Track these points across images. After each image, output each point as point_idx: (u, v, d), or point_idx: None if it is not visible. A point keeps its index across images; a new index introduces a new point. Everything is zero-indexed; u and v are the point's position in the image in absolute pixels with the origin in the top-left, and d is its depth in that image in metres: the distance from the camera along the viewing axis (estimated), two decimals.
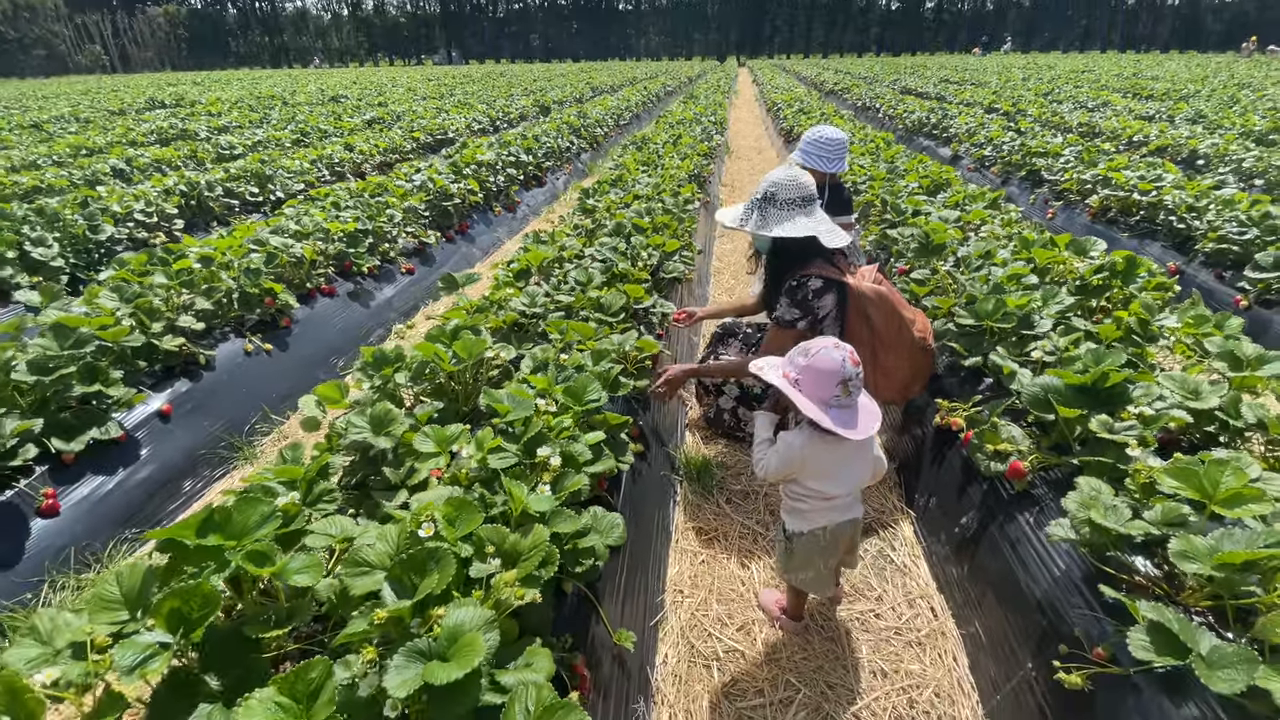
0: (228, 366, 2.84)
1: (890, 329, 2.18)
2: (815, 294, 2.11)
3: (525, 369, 1.99)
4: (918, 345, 2.21)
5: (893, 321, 2.18)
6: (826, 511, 1.61)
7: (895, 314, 2.18)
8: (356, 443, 1.62)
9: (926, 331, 2.27)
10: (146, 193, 4.59)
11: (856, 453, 1.57)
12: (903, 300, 2.26)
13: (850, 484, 1.60)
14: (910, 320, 2.22)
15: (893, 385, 2.27)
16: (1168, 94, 12.16)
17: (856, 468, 1.60)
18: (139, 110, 13.19)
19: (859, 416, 1.49)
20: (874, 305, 2.16)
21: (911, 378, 2.30)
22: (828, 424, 1.44)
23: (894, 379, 2.25)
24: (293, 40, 79.74)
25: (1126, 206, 4.59)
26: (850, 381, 1.45)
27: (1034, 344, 2.15)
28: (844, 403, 1.47)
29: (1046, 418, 1.77)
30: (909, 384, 2.32)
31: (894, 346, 2.20)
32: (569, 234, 3.74)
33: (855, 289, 2.15)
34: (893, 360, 2.22)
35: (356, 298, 3.72)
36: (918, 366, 2.27)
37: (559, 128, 8.55)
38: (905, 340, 2.20)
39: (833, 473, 1.57)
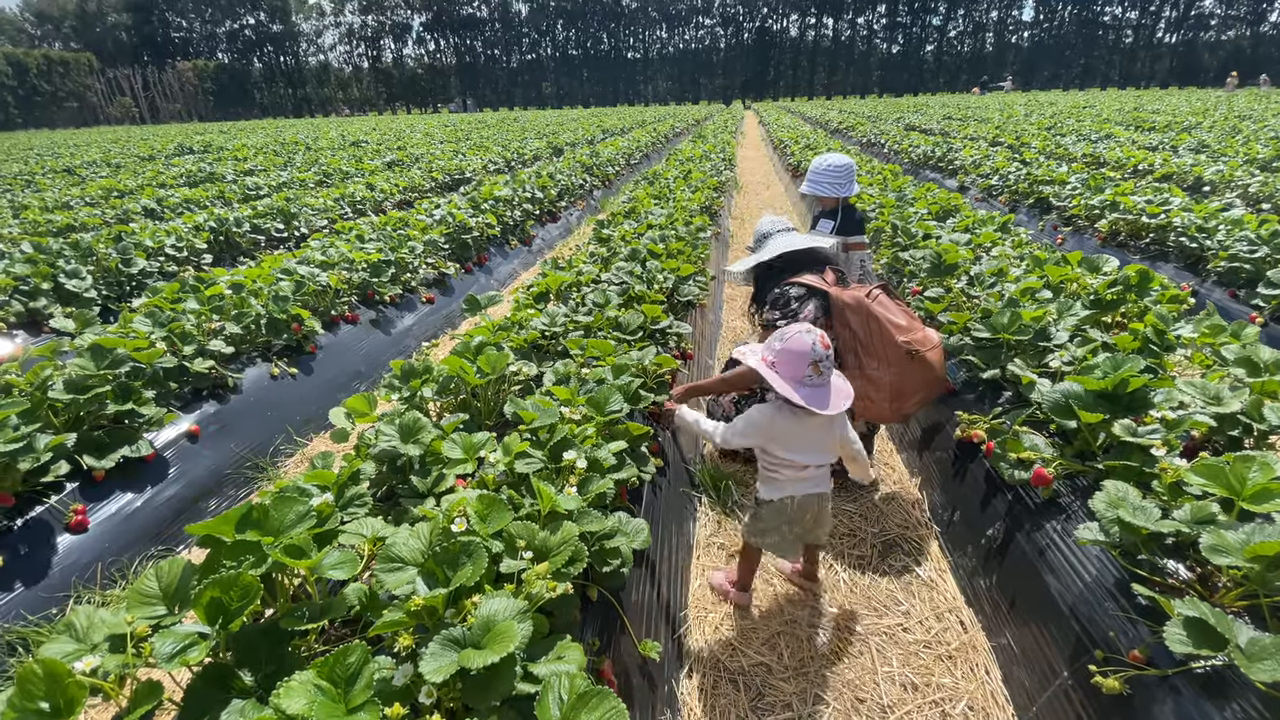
0: (254, 390, 2.90)
1: (871, 335, 2.19)
2: (796, 299, 2.24)
3: (548, 382, 2.03)
4: (903, 351, 2.17)
5: (871, 327, 2.18)
6: (796, 482, 1.72)
7: (874, 319, 2.18)
8: (386, 451, 1.65)
9: (922, 342, 2.21)
10: (178, 228, 4.75)
11: (825, 428, 1.69)
12: (898, 312, 2.24)
13: (818, 455, 1.71)
14: (902, 326, 2.20)
15: (882, 393, 2.22)
16: (1170, 125, 12.31)
17: (824, 441, 1.71)
18: (168, 156, 13.71)
19: (830, 395, 1.61)
20: (852, 311, 2.20)
21: (901, 387, 2.21)
22: (799, 400, 1.56)
23: (881, 387, 2.21)
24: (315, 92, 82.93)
25: (1136, 230, 4.63)
26: (821, 362, 1.58)
27: (1051, 355, 2.16)
28: (816, 381, 1.59)
29: (1068, 424, 1.77)
30: (902, 393, 2.22)
31: (877, 352, 2.19)
32: (586, 261, 3.82)
33: (835, 297, 2.22)
34: (877, 367, 2.20)
35: (378, 325, 3.80)
36: (906, 374, 2.19)
37: (572, 166, 8.78)
38: (889, 345, 2.18)
39: (801, 444, 1.69)
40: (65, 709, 0.95)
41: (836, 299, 2.22)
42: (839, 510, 2.35)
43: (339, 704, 0.94)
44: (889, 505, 2.38)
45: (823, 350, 1.58)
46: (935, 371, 2.22)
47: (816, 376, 1.57)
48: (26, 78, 63.20)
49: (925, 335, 2.23)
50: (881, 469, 2.62)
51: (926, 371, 2.19)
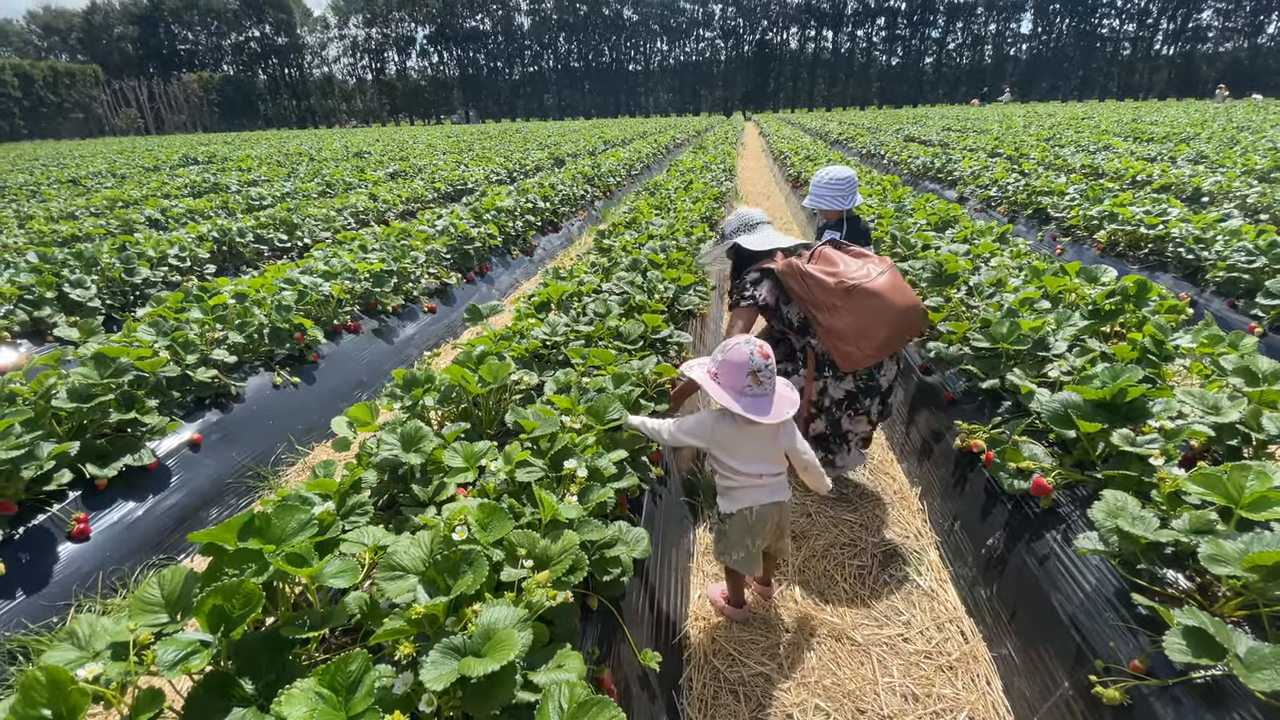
0: (257, 399, 2.91)
1: (810, 289, 2.23)
2: (752, 283, 2.42)
3: (549, 391, 2.04)
4: (840, 290, 2.17)
5: (807, 283, 2.23)
6: (751, 491, 1.74)
7: (806, 276, 2.23)
8: (388, 460, 1.65)
9: (862, 276, 2.19)
10: (181, 238, 4.78)
11: (770, 437, 1.72)
12: (839, 260, 2.26)
13: (765, 464, 1.73)
14: (836, 271, 2.22)
15: (846, 339, 2.21)
16: (1168, 137, 12.38)
17: (769, 450, 1.73)
18: (173, 166, 13.80)
19: (773, 403, 1.65)
20: (788, 276, 2.29)
21: (860, 326, 2.19)
22: (737, 409, 1.61)
23: (841, 333, 2.21)
24: (319, 103, 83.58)
25: (1134, 240, 4.65)
26: (760, 372, 1.62)
27: (1050, 365, 2.17)
28: (756, 391, 1.63)
29: (1067, 434, 1.78)
30: (864, 331, 2.20)
31: (821, 303, 2.22)
32: (587, 271, 3.84)
33: (776, 270, 2.34)
34: (828, 316, 2.21)
35: (380, 334, 3.81)
36: (858, 312, 2.18)
37: (574, 177, 8.84)
38: (826, 291, 2.20)
39: (747, 453, 1.72)
40: (68, 716, 0.96)
41: (777, 271, 2.33)
42: (839, 520, 2.35)
43: (340, 712, 0.95)
44: (889, 515, 2.38)
45: (761, 360, 1.62)
46: (889, 299, 2.18)
47: (756, 386, 1.62)
48: (32, 89, 63.77)
49: (867, 270, 2.22)
50: (881, 478, 2.62)
51: (880, 302, 2.17)
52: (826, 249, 2.33)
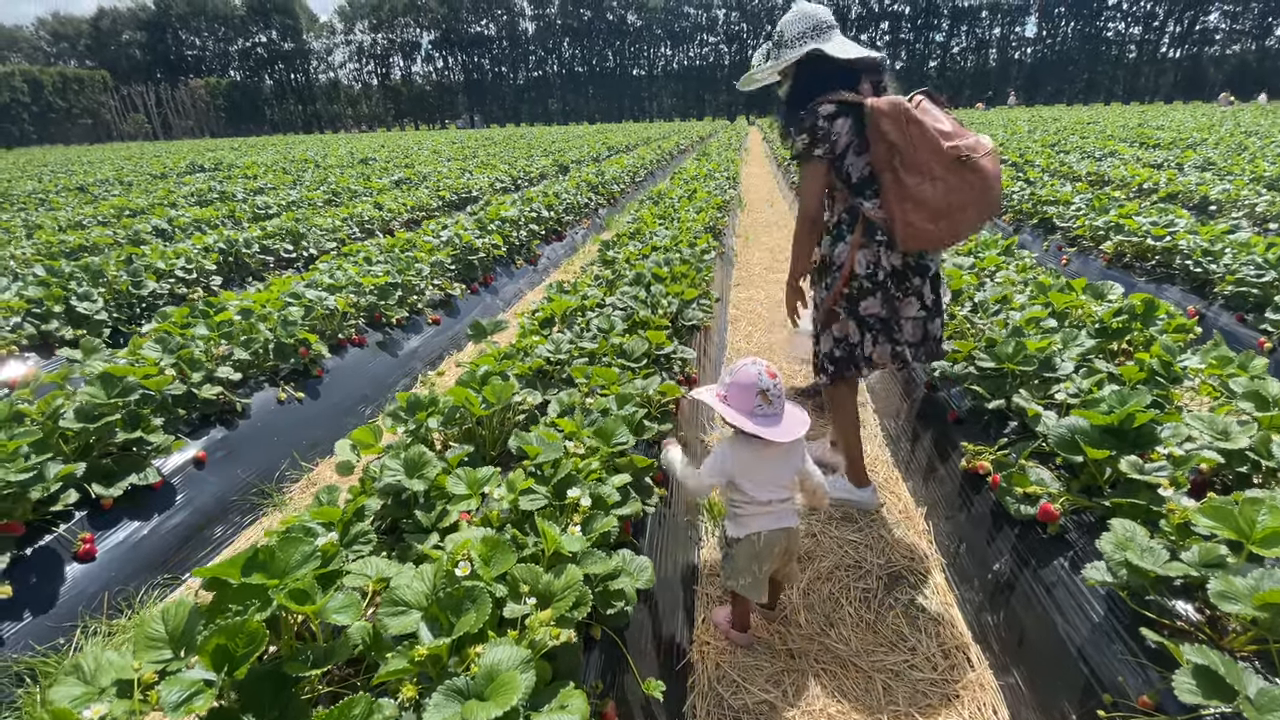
0: (261, 415, 2.91)
1: (911, 143, 1.89)
2: (826, 119, 1.99)
3: (553, 412, 2.04)
4: (951, 157, 1.88)
5: (911, 132, 1.88)
6: (760, 517, 1.73)
7: (915, 124, 1.87)
8: (391, 485, 1.65)
9: (974, 147, 1.90)
10: (187, 250, 4.81)
11: (783, 459, 1.72)
12: (944, 119, 1.95)
13: (777, 490, 1.73)
14: (947, 132, 1.91)
15: (923, 211, 1.91)
16: (1174, 142, 12.33)
17: (782, 473, 1.73)
18: (180, 174, 13.90)
19: (784, 422, 1.65)
20: (888, 118, 1.90)
21: (950, 201, 1.91)
22: (750, 427, 1.60)
23: (924, 203, 1.91)
24: (325, 108, 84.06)
25: (1141, 251, 4.62)
26: (769, 392, 1.62)
27: (1056, 386, 2.16)
28: (766, 411, 1.63)
29: (1074, 459, 1.77)
30: (951, 209, 1.93)
31: (919, 164, 1.90)
32: (590, 284, 3.84)
33: (870, 106, 1.93)
34: (920, 182, 1.90)
35: (385, 347, 3.82)
36: (956, 186, 1.90)
37: (578, 185, 8.86)
38: (935, 152, 1.88)
39: (762, 476, 1.71)
40: None
41: (871, 107, 1.93)
42: (844, 540, 2.34)
43: None
44: (894, 535, 2.36)
45: (769, 380, 1.62)
46: (990, 182, 1.93)
47: (766, 406, 1.62)
48: (41, 94, 64.34)
49: (977, 141, 1.93)
50: (887, 496, 2.61)
51: (980, 181, 1.92)
52: (926, 100, 1.97)
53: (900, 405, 3.04)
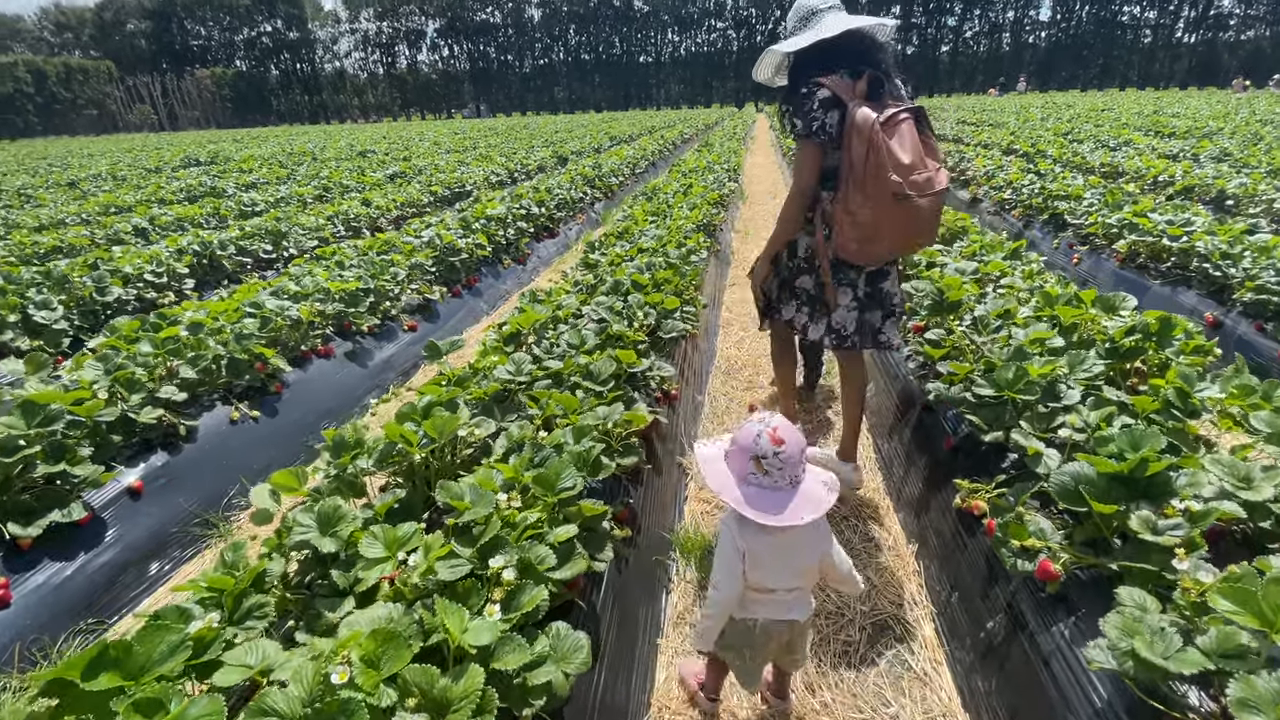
0: (211, 437, 2.75)
1: (865, 165, 1.95)
2: (821, 106, 2.04)
3: (498, 450, 1.85)
4: (891, 193, 1.95)
5: (869, 158, 1.94)
6: (761, 604, 1.43)
7: (875, 149, 1.93)
8: (303, 543, 1.47)
9: (921, 186, 1.96)
10: (158, 253, 4.64)
11: (795, 545, 1.38)
12: (910, 147, 1.97)
13: (789, 578, 1.40)
14: (904, 165, 1.94)
15: (853, 231, 2.04)
16: (1190, 132, 11.93)
17: (794, 560, 1.39)
18: (175, 168, 13.76)
19: (788, 501, 1.31)
20: (856, 133, 1.95)
21: (877, 230, 2.03)
22: (732, 496, 1.32)
23: (856, 224, 2.03)
24: (330, 98, 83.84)
25: (1156, 252, 4.37)
26: (765, 459, 1.31)
27: (1061, 417, 1.95)
28: (760, 481, 1.32)
29: (1078, 510, 1.56)
30: (874, 238, 2.05)
31: (864, 186, 1.98)
32: (569, 290, 3.64)
33: (849, 113, 1.98)
34: (861, 203, 1.99)
35: (354, 358, 3.64)
36: (886, 218, 2.00)
37: (573, 179, 8.63)
38: (880, 181, 1.94)
39: (771, 560, 1.38)
40: None
41: (849, 116, 1.97)
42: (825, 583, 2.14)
43: None
44: (883, 577, 2.17)
45: (769, 445, 1.30)
46: (920, 224, 2.02)
47: (760, 475, 1.32)
48: (46, 85, 64.44)
49: (929, 180, 1.98)
50: (875, 528, 2.41)
51: (910, 221, 2.01)
52: (906, 123, 1.99)
53: (895, 425, 2.83)
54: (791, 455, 1.31)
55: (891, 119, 1.96)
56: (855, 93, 2.01)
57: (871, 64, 2.07)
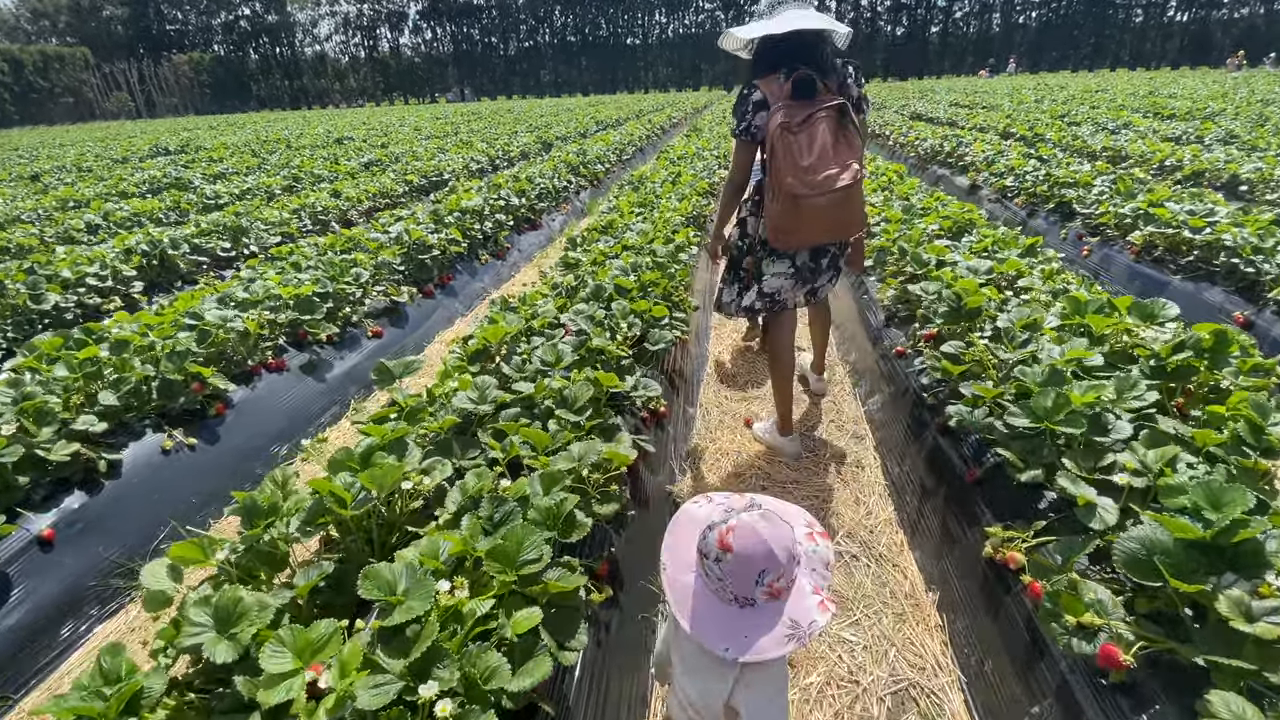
0: (138, 470, 2.43)
1: (774, 166, 2.14)
2: (754, 106, 2.20)
3: (451, 503, 1.55)
4: (785, 191, 2.14)
5: (775, 161, 2.13)
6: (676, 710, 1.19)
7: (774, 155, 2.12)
8: (195, 646, 1.18)
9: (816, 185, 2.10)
10: (102, 254, 4.28)
11: (718, 668, 1.09)
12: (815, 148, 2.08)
13: (702, 695, 1.11)
14: (800, 167, 2.09)
15: (772, 224, 2.26)
16: (1190, 113, 11.67)
17: (711, 679, 1.10)
18: (142, 158, 13.21)
19: (724, 619, 1.03)
20: (769, 137, 2.13)
21: (784, 224, 2.23)
22: (667, 578, 1.10)
23: (772, 217, 2.25)
24: (311, 83, 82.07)
25: (1175, 244, 4.10)
26: (707, 557, 1.04)
27: (1111, 455, 1.67)
28: (709, 583, 1.05)
29: (1150, 584, 1.29)
30: (785, 230, 2.25)
31: (772, 184, 2.19)
32: (546, 293, 3.33)
33: (768, 119, 2.14)
34: (770, 198, 2.22)
35: (311, 370, 3.32)
36: (789, 214, 2.19)
37: (555, 167, 8.26)
38: (780, 183, 2.14)
39: (693, 666, 1.13)
40: None
41: (767, 122, 2.15)
42: (837, 639, 1.88)
43: None
44: (901, 632, 1.90)
45: (714, 546, 1.01)
46: (825, 218, 2.19)
47: (705, 574, 1.05)
48: (22, 74, 62.66)
49: (829, 178, 2.10)
50: (889, 570, 2.14)
51: (813, 217, 2.18)
52: (824, 124, 2.08)
53: (906, 445, 2.56)
54: (737, 571, 1.00)
55: (808, 119, 2.08)
56: (780, 94, 2.13)
57: (812, 60, 2.14)
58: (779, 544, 1.00)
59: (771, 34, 2.12)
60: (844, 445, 2.86)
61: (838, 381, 3.42)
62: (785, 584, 1.02)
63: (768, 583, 1.01)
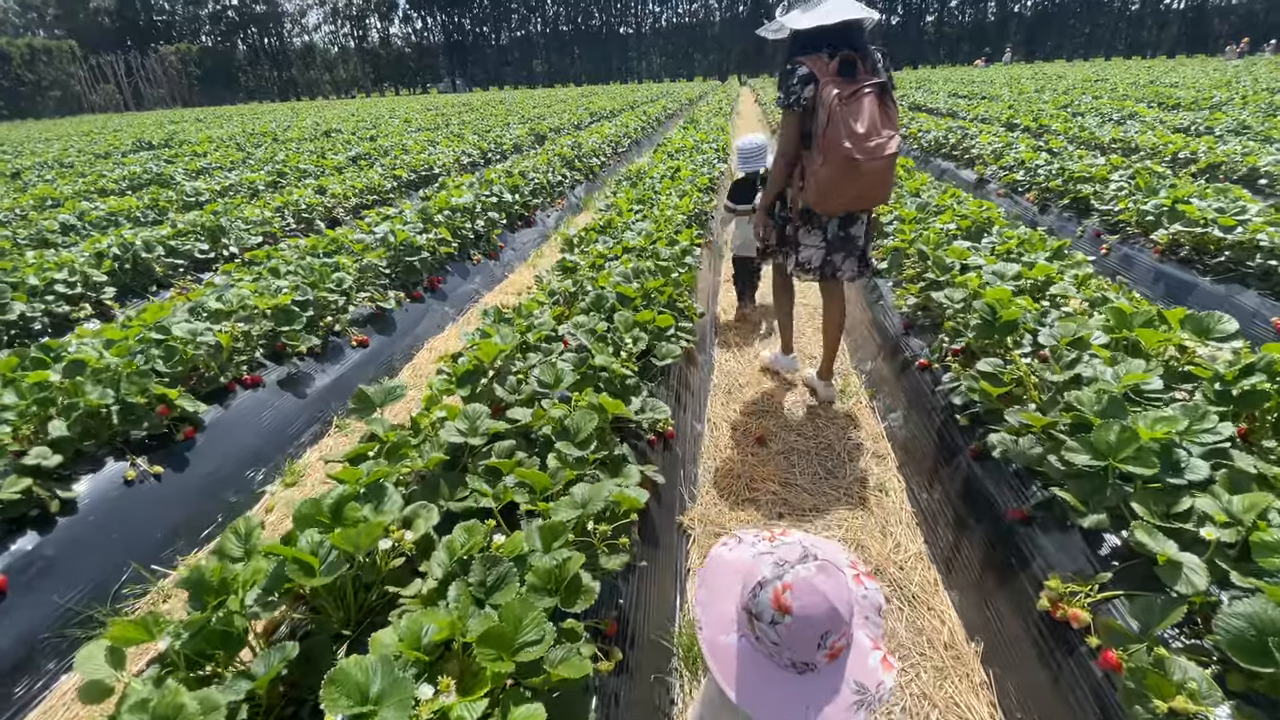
0: (100, 504, 2.21)
1: (825, 131, 2.33)
2: (800, 80, 2.39)
3: (436, 569, 1.35)
4: (843, 157, 2.32)
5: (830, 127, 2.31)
6: None
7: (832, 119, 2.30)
8: None
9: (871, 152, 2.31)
10: (71, 259, 4.04)
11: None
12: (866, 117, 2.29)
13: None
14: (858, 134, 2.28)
15: (810, 183, 2.48)
16: (1195, 103, 11.47)
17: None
18: (125, 153, 12.86)
19: (781, 687, 0.87)
20: (822, 106, 2.33)
21: (831, 188, 2.42)
22: (709, 639, 0.93)
23: (815, 177, 2.44)
24: (301, 74, 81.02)
25: (1201, 243, 3.91)
26: (760, 620, 0.87)
27: (1186, 499, 1.48)
28: (760, 646, 0.89)
29: (1260, 669, 1.10)
30: (829, 194, 2.45)
31: (824, 148, 2.36)
32: (543, 301, 3.12)
33: (820, 88, 2.34)
34: (821, 162, 2.39)
35: (290, 385, 3.10)
36: (839, 178, 2.37)
37: (550, 161, 8.01)
38: (835, 148, 2.32)
39: None
40: None
41: (819, 90, 2.35)
42: None
43: None
44: (943, 689, 1.71)
45: (768, 607, 0.86)
46: (870, 182, 2.40)
47: (755, 637, 0.89)
48: (9, 68, 61.63)
49: (879, 145, 2.31)
50: (924, 614, 1.95)
51: (861, 179, 2.37)
52: (869, 96, 2.31)
53: (935, 469, 2.36)
54: (797, 634, 0.85)
55: (856, 93, 2.30)
56: (829, 71, 2.34)
57: (852, 44, 2.38)
58: (842, 600, 0.86)
59: (824, 24, 2.32)
60: (864, 466, 2.67)
61: (853, 393, 3.23)
62: (845, 642, 0.89)
63: (830, 644, 0.87)
